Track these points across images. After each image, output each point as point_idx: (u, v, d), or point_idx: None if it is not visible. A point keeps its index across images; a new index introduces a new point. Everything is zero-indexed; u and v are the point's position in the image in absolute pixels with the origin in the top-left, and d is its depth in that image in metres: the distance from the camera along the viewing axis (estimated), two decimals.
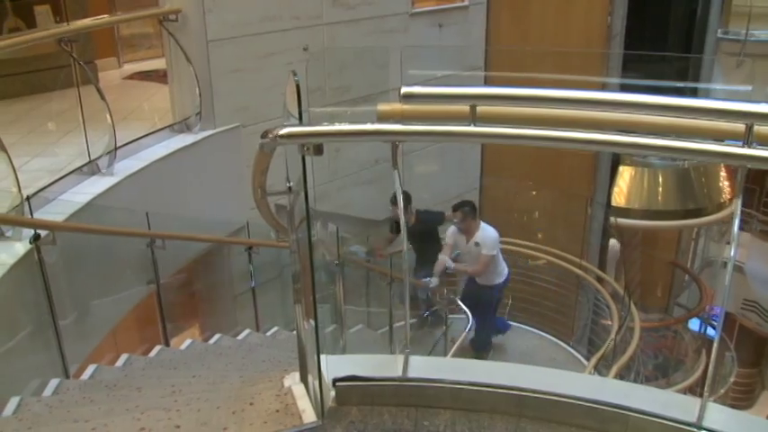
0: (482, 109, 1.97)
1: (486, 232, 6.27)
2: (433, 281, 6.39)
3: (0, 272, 3.51)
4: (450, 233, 6.46)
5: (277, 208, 3.16)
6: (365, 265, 5.80)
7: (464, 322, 6.16)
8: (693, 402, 2.21)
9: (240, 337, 5.84)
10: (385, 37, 7.17)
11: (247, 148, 5.71)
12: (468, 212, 6.27)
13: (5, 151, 3.99)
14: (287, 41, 6.25)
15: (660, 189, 8.31)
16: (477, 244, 6.24)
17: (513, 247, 7.16)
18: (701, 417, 2.11)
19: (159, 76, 7.60)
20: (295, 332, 5.43)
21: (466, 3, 8.23)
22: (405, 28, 7.39)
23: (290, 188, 2.32)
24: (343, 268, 4.99)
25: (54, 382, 3.73)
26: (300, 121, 1.92)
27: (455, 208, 6.31)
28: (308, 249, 2.22)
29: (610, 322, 6.39)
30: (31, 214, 3.87)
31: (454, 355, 5.62)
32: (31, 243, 3.73)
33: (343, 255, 5.10)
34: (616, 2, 7.99)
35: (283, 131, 1.84)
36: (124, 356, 4.65)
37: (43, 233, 3.80)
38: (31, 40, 4.80)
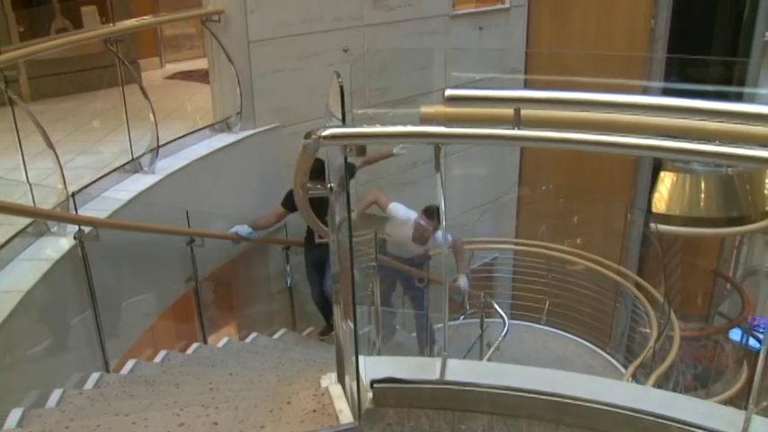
0: (525, 112, 1.96)
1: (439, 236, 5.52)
2: (463, 280, 5.81)
3: (45, 267, 3.58)
4: (401, 211, 5.73)
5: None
6: (402, 267, 5.77)
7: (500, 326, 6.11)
8: (738, 414, 2.16)
9: (276, 336, 5.89)
10: (425, 39, 7.16)
11: (287, 148, 5.75)
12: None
13: (53, 148, 4.08)
14: (327, 42, 6.28)
15: (702, 195, 8.14)
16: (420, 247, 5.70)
17: (552, 252, 7.10)
18: (745, 429, 2.06)
19: (200, 76, 7.69)
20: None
21: (507, 5, 8.18)
22: (445, 30, 7.37)
23: (331, 189, 2.33)
24: (380, 270, 4.99)
25: (95, 376, 3.80)
26: (344, 123, 1.93)
27: (431, 214, 5.50)
28: (348, 250, 2.22)
29: (648, 330, 6.29)
30: (76, 210, 3.94)
31: (490, 359, 5.58)
32: (75, 239, 3.80)
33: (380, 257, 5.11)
34: (660, 4, 7.87)
35: (326, 132, 1.84)
36: (162, 353, 4.72)
37: (87, 229, 3.87)
38: (79, 41, 4.89)
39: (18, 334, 3.18)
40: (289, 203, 5.40)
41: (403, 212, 5.68)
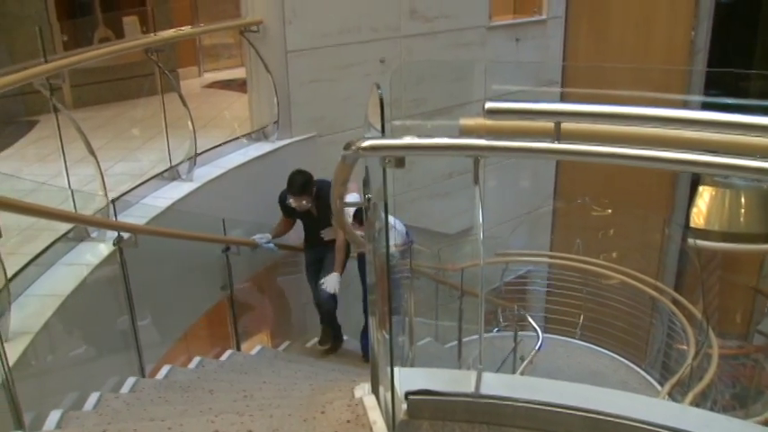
0: (565, 126, 1.94)
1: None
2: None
3: (85, 272, 3.64)
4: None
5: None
6: (436, 278, 5.76)
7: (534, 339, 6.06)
8: None
9: (309, 345, 5.90)
10: (462, 50, 7.16)
11: (323, 158, 5.78)
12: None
13: (94, 155, 4.15)
14: (364, 53, 6.31)
15: (742, 210, 7.99)
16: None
17: (587, 266, 7.02)
18: None
19: (238, 85, 7.79)
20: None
21: (544, 16, 8.16)
22: (482, 41, 7.37)
23: (368, 199, 2.34)
24: (414, 280, 4.98)
25: (131, 381, 3.84)
26: (383, 134, 1.93)
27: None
28: (384, 260, 2.22)
29: (685, 347, 6.17)
30: (116, 217, 4.00)
31: (523, 373, 5.53)
32: (114, 245, 3.86)
33: (415, 267, 5.09)
34: (701, 16, 7.78)
35: (366, 144, 1.85)
36: (197, 359, 4.76)
37: (126, 235, 3.93)
38: (121, 50, 4.97)
39: (57, 337, 3.24)
40: (285, 211, 5.35)
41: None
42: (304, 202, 5.02)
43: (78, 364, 3.56)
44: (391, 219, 4.41)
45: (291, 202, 5.04)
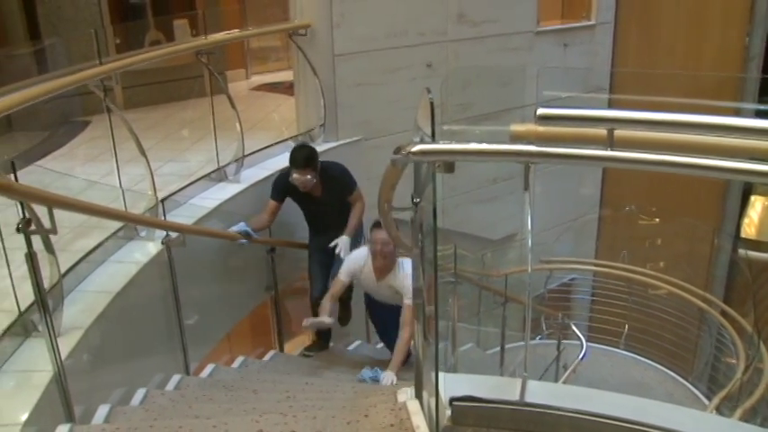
0: (617, 133, 1.92)
1: (407, 271, 4.47)
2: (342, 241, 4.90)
3: (134, 269, 3.70)
4: (352, 260, 4.75)
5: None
6: (480, 283, 5.73)
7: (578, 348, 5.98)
8: None
9: (351, 348, 5.92)
10: (509, 55, 7.12)
11: (368, 161, 5.81)
12: None
13: (145, 155, 4.23)
14: (411, 57, 6.31)
15: None
16: (390, 288, 4.64)
17: (633, 275, 6.91)
18: None
19: (285, 88, 7.85)
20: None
21: (593, 22, 8.07)
22: (529, 46, 7.31)
23: (416, 204, 2.33)
24: (458, 285, 4.96)
25: (176, 378, 3.90)
26: (433, 139, 1.93)
27: (377, 223, 4.37)
28: (432, 265, 2.21)
29: (735, 361, 6.03)
30: (164, 216, 4.07)
31: (566, 382, 5.46)
32: (162, 244, 3.92)
33: (459, 272, 5.06)
34: (756, 21, 7.60)
35: (416, 148, 1.85)
36: (240, 358, 4.81)
37: (174, 235, 3.99)
38: (173, 53, 5.06)
39: (107, 333, 3.29)
40: (279, 193, 4.89)
41: (349, 268, 4.78)
42: (309, 176, 4.64)
43: (126, 360, 3.61)
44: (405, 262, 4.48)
45: (295, 177, 4.64)
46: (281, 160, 5.51)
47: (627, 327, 6.95)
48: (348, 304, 5.45)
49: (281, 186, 4.88)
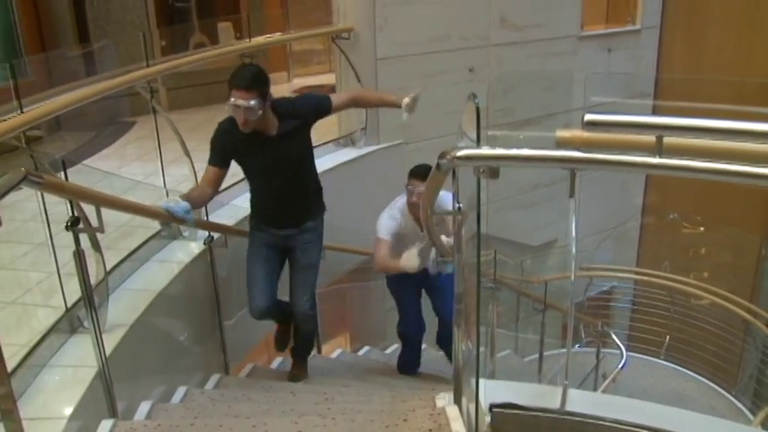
0: (666, 140, 1.89)
1: (445, 198, 3.00)
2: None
3: (176, 269, 3.76)
4: (388, 219, 4.28)
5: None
6: (520, 290, 5.69)
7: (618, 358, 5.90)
8: None
9: (388, 352, 5.92)
10: (552, 60, 7.06)
11: (409, 165, 5.77)
12: None
13: (189, 156, 4.29)
14: (453, 62, 6.30)
15: None
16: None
17: (676, 284, 6.79)
18: None
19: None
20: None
21: (638, 26, 7.96)
22: (573, 51, 7.25)
23: (459, 209, 2.33)
24: (497, 291, 4.94)
25: (215, 377, 3.94)
26: (479, 144, 1.92)
27: (424, 174, 3.78)
28: (474, 270, 2.21)
29: None
30: (207, 217, 4.11)
31: (605, 391, 5.39)
32: (204, 244, 3.97)
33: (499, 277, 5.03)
34: None
35: (461, 153, 1.84)
36: (278, 359, 4.84)
37: (216, 235, 4.03)
38: (218, 55, 5.13)
39: (149, 331, 3.34)
40: (219, 153, 3.57)
41: (385, 221, 4.33)
42: (253, 102, 3.25)
43: (167, 358, 3.66)
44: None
45: (236, 104, 3.29)
46: (323, 163, 5.55)
47: (668, 337, 6.83)
48: (289, 326, 4.26)
49: (220, 142, 3.57)
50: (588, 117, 1.81)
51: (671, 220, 7.73)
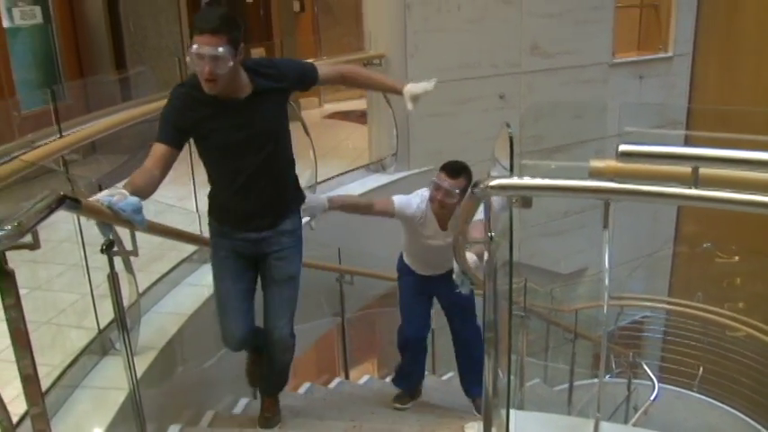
0: (702, 170, 1.87)
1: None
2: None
3: (207, 293, 3.75)
4: (410, 200, 3.80)
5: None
6: (550, 318, 5.63)
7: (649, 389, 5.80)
8: None
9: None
10: (583, 87, 7.05)
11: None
12: (467, 186, 3.52)
13: None
14: (483, 88, 6.32)
15: None
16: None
17: (710, 315, 6.67)
18: None
19: (357, 116, 7.95)
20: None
21: (670, 54, 7.93)
22: (604, 78, 7.23)
23: (491, 237, 2.32)
24: (528, 320, 4.90)
25: (243, 401, 3.95)
26: (512, 173, 1.92)
27: (455, 170, 3.67)
28: (505, 298, 2.19)
29: None
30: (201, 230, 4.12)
31: (636, 424, 5.30)
32: None
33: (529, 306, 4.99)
34: None
35: (495, 182, 1.84)
36: (306, 385, 4.83)
37: None
38: None
39: (179, 354, 3.36)
40: (175, 131, 2.71)
41: (408, 199, 3.84)
42: (221, 49, 2.50)
43: (196, 381, 3.68)
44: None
45: (201, 47, 2.50)
46: (354, 188, 5.58)
47: (701, 369, 6.71)
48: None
49: (175, 111, 2.73)
50: (622, 148, 1.80)
51: (704, 249, 7.62)
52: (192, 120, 2.70)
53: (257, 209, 2.94)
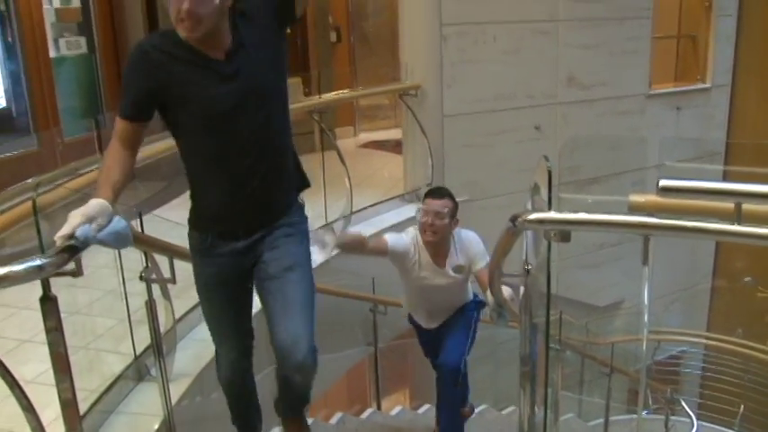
0: (744, 206, 1.85)
1: (471, 237, 3.55)
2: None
3: None
4: (400, 237, 3.47)
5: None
6: (585, 352, 5.55)
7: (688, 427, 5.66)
8: None
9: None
10: (619, 118, 7.01)
11: (475, 222, 5.74)
12: (455, 210, 3.44)
13: None
14: (519, 119, 6.32)
15: None
16: (459, 268, 3.44)
17: (751, 351, 6.52)
18: None
19: (392, 146, 7.99)
20: (503, 412, 5.31)
21: (708, 85, 7.85)
22: (640, 110, 7.18)
23: (527, 270, 2.31)
24: (563, 353, 4.82)
25: (276, 431, 3.93)
26: (550, 207, 1.91)
27: (439, 192, 3.46)
28: (541, 332, 2.17)
29: None
30: None
31: None
32: None
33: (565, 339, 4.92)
34: None
35: (533, 217, 1.83)
36: (338, 415, 4.81)
37: None
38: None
39: (213, 382, 3.37)
40: (142, 100, 2.18)
41: (400, 236, 3.53)
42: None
43: (225, 410, 3.68)
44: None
45: None
46: (389, 217, 5.58)
47: (742, 406, 6.52)
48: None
49: (140, 72, 2.18)
50: (663, 183, 1.78)
51: (744, 283, 7.47)
52: (162, 83, 2.13)
53: (251, 200, 2.29)
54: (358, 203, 5.53)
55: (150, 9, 7.28)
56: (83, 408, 2.65)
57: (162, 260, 2.87)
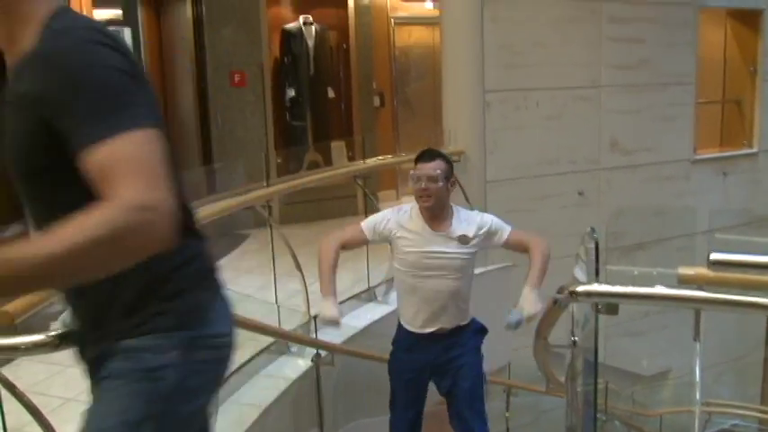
0: None
1: (476, 211, 3.64)
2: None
3: (283, 385, 3.78)
4: (395, 212, 3.44)
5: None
6: (632, 423, 5.38)
7: None
8: None
9: None
10: (663, 184, 6.95)
11: (517, 288, 5.72)
12: (449, 171, 3.30)
13: (300, 271, 4.41)
14: (562, 185, 6.31)
15: None
16: (464, 237, 3.28)
17: None
18: None
19: None
20: None
21: (755, 149, 7.77)
22: (685, 175, 7.12)
23: (574, 342, 2.28)
24: (608, 423, 4.70)
25: None
26: (597, 279, 1.90)
27: (429, 155, 3.32)
28: (592, 405, 2.13)
29: None
30: (315, 334, 4.16)
31: None
32: (312, 361, 3.99)
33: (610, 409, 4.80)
34: None
35: (581, 289, 1.82)
36: None
37: (323, 353, 4.05)
38: (332, 176, 5.34)
39: None
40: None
41: (380, 214, 3.51)
42: None
43: None
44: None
45: None
46: None
47: None
48: None
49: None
50: (714, 256, 1.76)
51: None
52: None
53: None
54: None
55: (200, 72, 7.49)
56: None
57: None
